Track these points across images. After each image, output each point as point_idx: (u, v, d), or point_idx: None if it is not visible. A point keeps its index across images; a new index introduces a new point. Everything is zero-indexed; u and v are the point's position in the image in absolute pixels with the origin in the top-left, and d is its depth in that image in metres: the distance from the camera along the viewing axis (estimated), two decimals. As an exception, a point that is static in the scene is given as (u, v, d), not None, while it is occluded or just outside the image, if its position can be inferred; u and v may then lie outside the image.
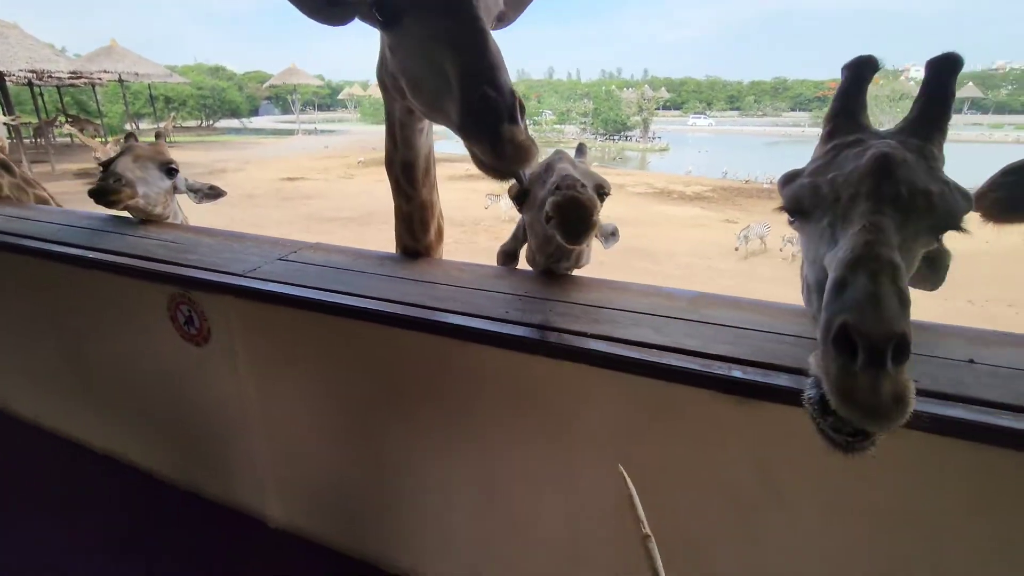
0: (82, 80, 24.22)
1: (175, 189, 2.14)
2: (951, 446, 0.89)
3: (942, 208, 0.84)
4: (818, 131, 1.04)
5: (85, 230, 2.00)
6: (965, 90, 56.48)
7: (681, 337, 1.13)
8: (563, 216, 1.14)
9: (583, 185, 1.18)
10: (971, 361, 1.02)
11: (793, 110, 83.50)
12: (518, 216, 1.52)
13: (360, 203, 15.73)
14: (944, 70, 0.91)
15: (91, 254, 1.74)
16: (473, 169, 1.14)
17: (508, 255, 1.57)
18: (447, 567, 1.59)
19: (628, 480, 0.62)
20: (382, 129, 1.56)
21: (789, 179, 0.98)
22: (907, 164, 0.84)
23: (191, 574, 1.73)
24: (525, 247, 1.58)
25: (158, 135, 2.28)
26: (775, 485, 1.06)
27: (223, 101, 50.78)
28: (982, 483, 0.93)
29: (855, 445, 0.75)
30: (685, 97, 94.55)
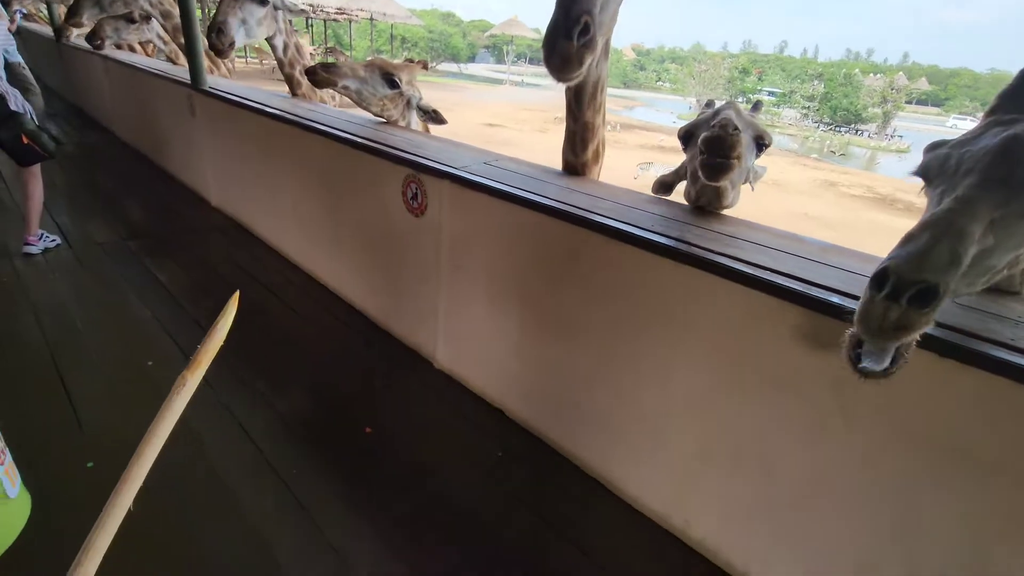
0: (343, 16, 28.30)
1: (408, 103, 2.77)
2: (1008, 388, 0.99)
3: None
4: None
5: (355, 123, 2.70)
6: None
7: (795, 268, 1.31)
8: (708, 149, 1.35)
9: (735, 128, 1.36)
10: (1087, 341, 1.05)
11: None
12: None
13: (548, 158, 16.34)
14: None
15: (358, 139, 2.39)
16: (667, 140, 1.43)
17: (664, 186, 1.81)
18: (580, 435, 1.99)
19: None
20: None
21: (932, 148, 1.03)
22: None
23: (366, 388, 2.38)
24: (684, 185, 1.81)
25: (409, 60, 2.90)
26: (844, 402, 1.23)
27: (447, 45, 55.31)
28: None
29: (868, 372, 0.93)
30: (952, 92, 77.65)
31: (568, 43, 1.31)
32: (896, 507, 1.20)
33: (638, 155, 18.24)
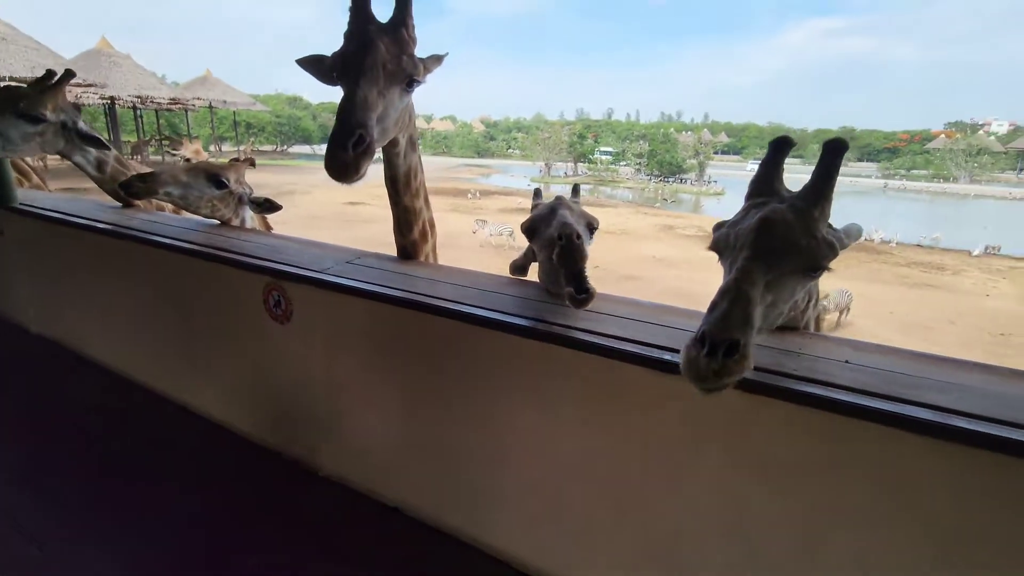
0: (178, 105, 26.94)
1: (240, 201, 2.75)
2: (811, 415, 1.24)
3: (808, 255, 1.18)
4: (882, 183, 1.36)
5: (201, 232, 2.59)
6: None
7: (642, 334, 1.52)
8: (564, 260, 1.54)
9: (579, 236, 1.56)
10: (846, 361, 1.36)
11: (860, 160, 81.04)
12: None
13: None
14: (833, 152, 1.22)
15: (210, 250, 2.30)
16: (524, 202, 1.62)
17: (519, 268, 2.00)
18: (457, 514, 1.99)
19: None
20: (442, 161, 2.15)
21: (716, 228, 1.33)
22: (784, 223, 1.19)
23: (249, 511, 2.19)
24: (535, 264, 2.01)
25: (235, 160, 2.89)
26: (696, 435, 1.43)
27: (297, 128, 54.73)
28: (833, 445, 1.27)
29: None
30: (746, 143, 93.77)
31: (344, 153, 1.44)
32: (738, 513, 1.41)
33: (499, 219, 19.26)
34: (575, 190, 1.96)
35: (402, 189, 2.03)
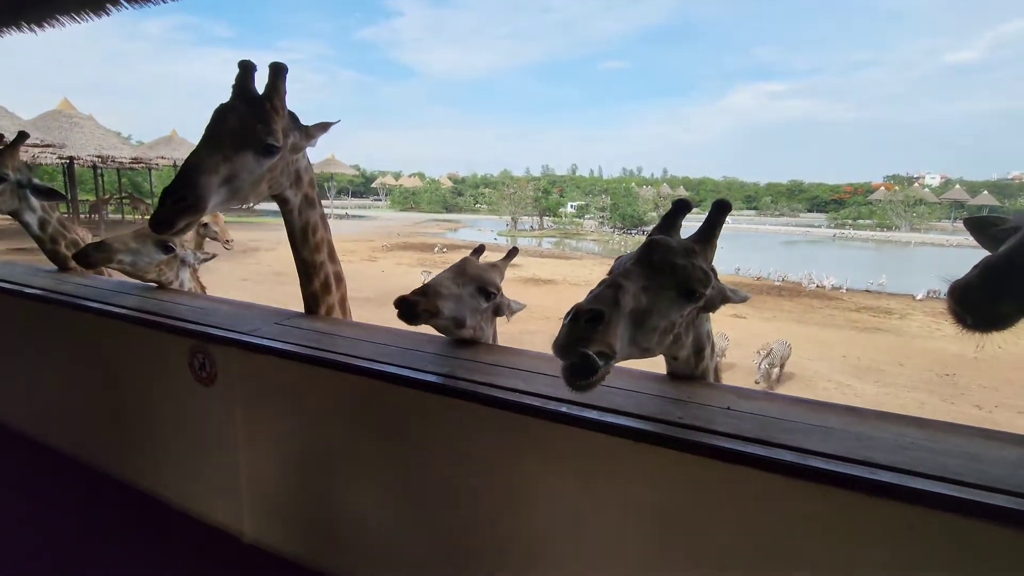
0: (141, 164, 26.78)
1: (182, 262, 2.80)
2: (686, 461, 1.32)
3: (682, 273, 1.36)
4: (833, 232, 1.56)
5: (130, 295, 2.59)
6: (981, 198, 57.47)
7: (540, 385, 1.59)
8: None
9: (422, 293, 1.74)
10: (728, 408, 1.45)
11: (810, 211, 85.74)
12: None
13: (379, 284, 16.63)
14: (719, 209, 1.48)
15: (139, 314, 2.31)
16: (490, 256, 1.79)
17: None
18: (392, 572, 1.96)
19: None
20: (410, 216, 2.28)
21: (617, 259, 1.51)
22: (666, 245, 1.40)
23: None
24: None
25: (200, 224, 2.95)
26: (588, 478, 1.49)
27: (265, 186, 54.64)
28: (704, 488, 1.35)
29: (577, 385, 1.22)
30: (703, 196, 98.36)
31: (161, 208, 1.63)
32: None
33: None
34: (478, 250, 2.11)
35: (299, 244, 2.20)
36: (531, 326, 11.01)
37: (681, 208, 1.55)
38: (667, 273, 1.35)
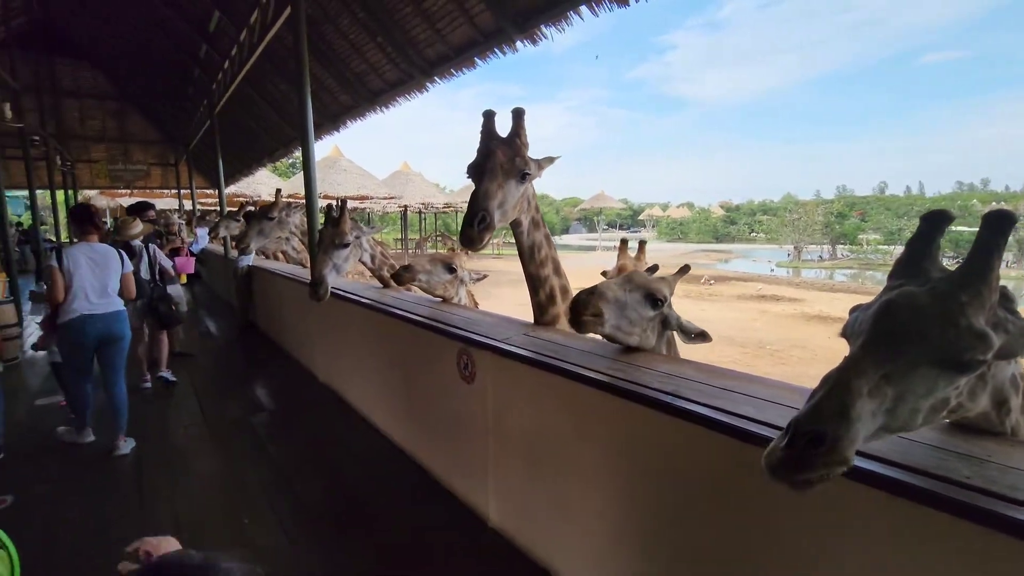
0: (451, 208, 32.99)
1: (461, 281, 3.36)
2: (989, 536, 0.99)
3: (942, 347, 0.97)
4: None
5: (423, 306, 3.25)
6: None
7: (773, 416, 1.42)
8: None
9: (590, 292, 1.82)
10: None
11: None
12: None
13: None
14: (990, 229, 1.00)
15: (426, 320, 2.89)
16: (765, 288, 1.86)
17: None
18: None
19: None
20: (676, 247, 2.37)
21: (852, 311, 1.17)
22: (912, 308, 1.00)
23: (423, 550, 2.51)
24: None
25: (453, 248, 3.56)
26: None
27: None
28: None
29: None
30: (1100, 211, 69.84)
31: (470, 228, 1.97)
32: None
33: (735, 305, 17.89)
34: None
35: (527, 260, 2.50)
36: (812, 370, 9.44)
37: (934, 225, 1.12)
38: (917, 348, 0.98)
